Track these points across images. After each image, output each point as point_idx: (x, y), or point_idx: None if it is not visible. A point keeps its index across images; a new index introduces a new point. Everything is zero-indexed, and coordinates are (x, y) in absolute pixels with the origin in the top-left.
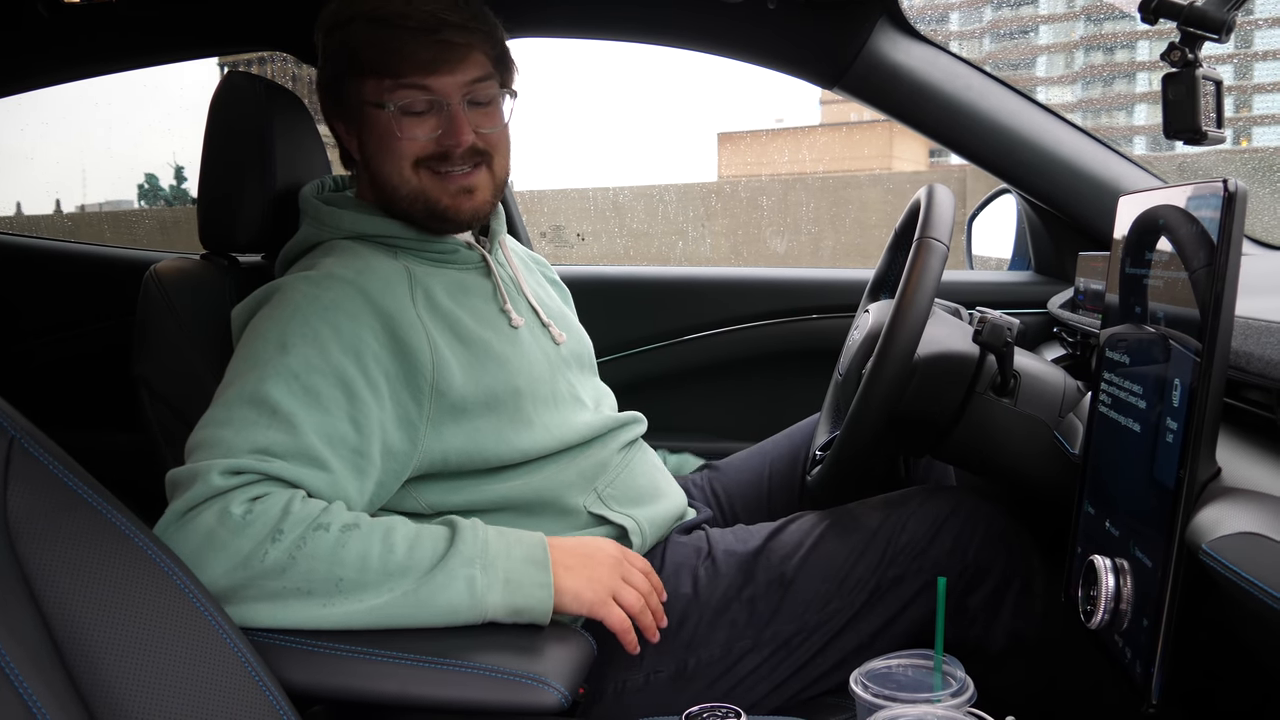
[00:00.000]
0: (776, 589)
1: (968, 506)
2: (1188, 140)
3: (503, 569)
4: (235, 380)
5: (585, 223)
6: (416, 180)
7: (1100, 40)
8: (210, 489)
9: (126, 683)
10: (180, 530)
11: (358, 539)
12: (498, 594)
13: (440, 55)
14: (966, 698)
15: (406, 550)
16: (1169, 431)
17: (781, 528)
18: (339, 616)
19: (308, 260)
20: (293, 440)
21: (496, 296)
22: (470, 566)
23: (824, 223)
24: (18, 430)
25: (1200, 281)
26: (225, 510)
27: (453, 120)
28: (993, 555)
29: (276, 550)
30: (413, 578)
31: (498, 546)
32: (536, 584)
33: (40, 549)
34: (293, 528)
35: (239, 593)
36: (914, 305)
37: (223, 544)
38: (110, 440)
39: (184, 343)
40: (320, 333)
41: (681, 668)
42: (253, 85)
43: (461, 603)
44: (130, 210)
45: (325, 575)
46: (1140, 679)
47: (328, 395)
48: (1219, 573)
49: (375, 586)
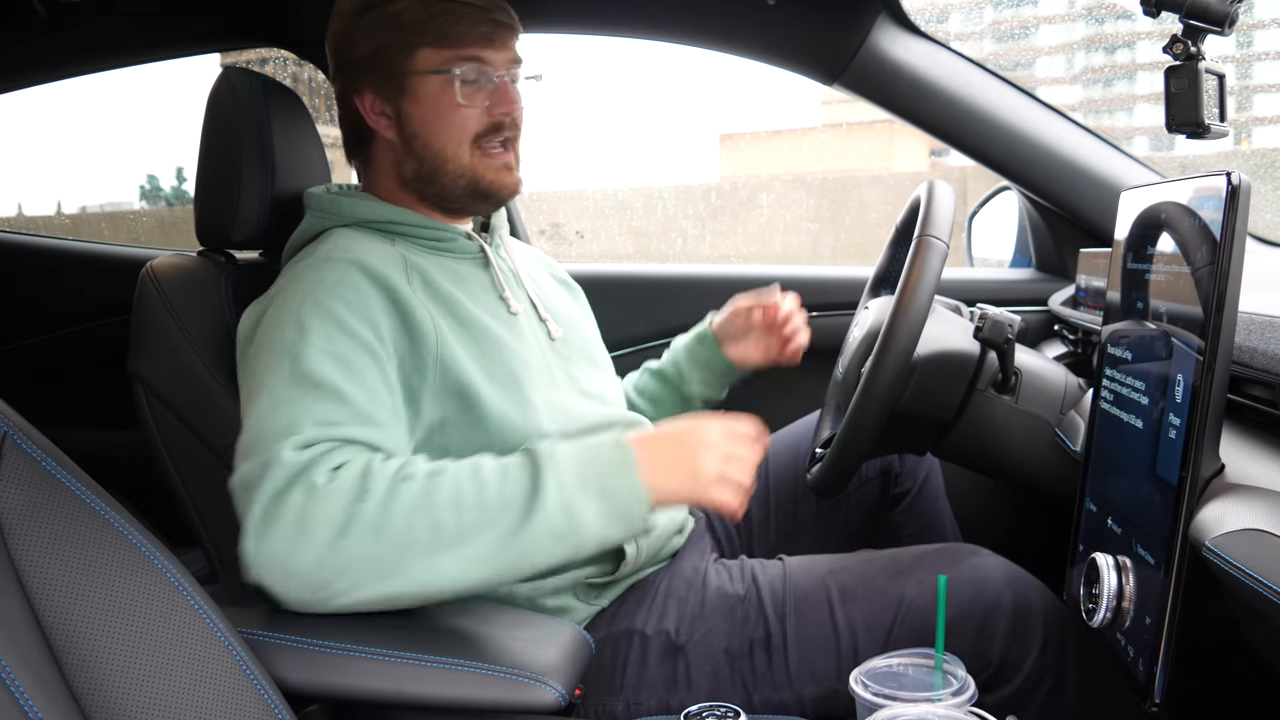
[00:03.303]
0: (763, 653)
1: (995, 584)
2: (1190, 134)
3: (595, 486)
4: (268, 371)
5: (584, 221)
6: (468, 157)
7: (1101, 40)
8: (288, 469)
9: (119, 679)
10: (273, 517)
11: (446, 482)
12: (593, 515)
13: (493, 30)
14: (967, 697)
15: (498, 485)
16: (1171, 428)
17: (777, 564)
18: (449, 574)
19: (309, 249)
20: (345, 407)
21: (494, 285)
22: (562, 491)
23: (824, 222)
24: (10, 425)
25: (1203, 278)
26: (310, 484)
27: (504, 92)
28: (1023, 650)
29: (367, 508)
30: (511, 514)
31: (582, 463)
32: (629, 494)
33: (32, 544)
34: (379, 484)
35: (345, 573)
36: (913, 303)
37: (315, 516)
38: (107, 439)
39: (180, 340)
40: (333, 309)
41: (664, 706)
42: (250, 81)
43: (562, 528)
44: (131, 211)
45: (423, 524)
46: (1143, 677)
47: (358, 362)
48: (1222, 570)
49: (475, 528)
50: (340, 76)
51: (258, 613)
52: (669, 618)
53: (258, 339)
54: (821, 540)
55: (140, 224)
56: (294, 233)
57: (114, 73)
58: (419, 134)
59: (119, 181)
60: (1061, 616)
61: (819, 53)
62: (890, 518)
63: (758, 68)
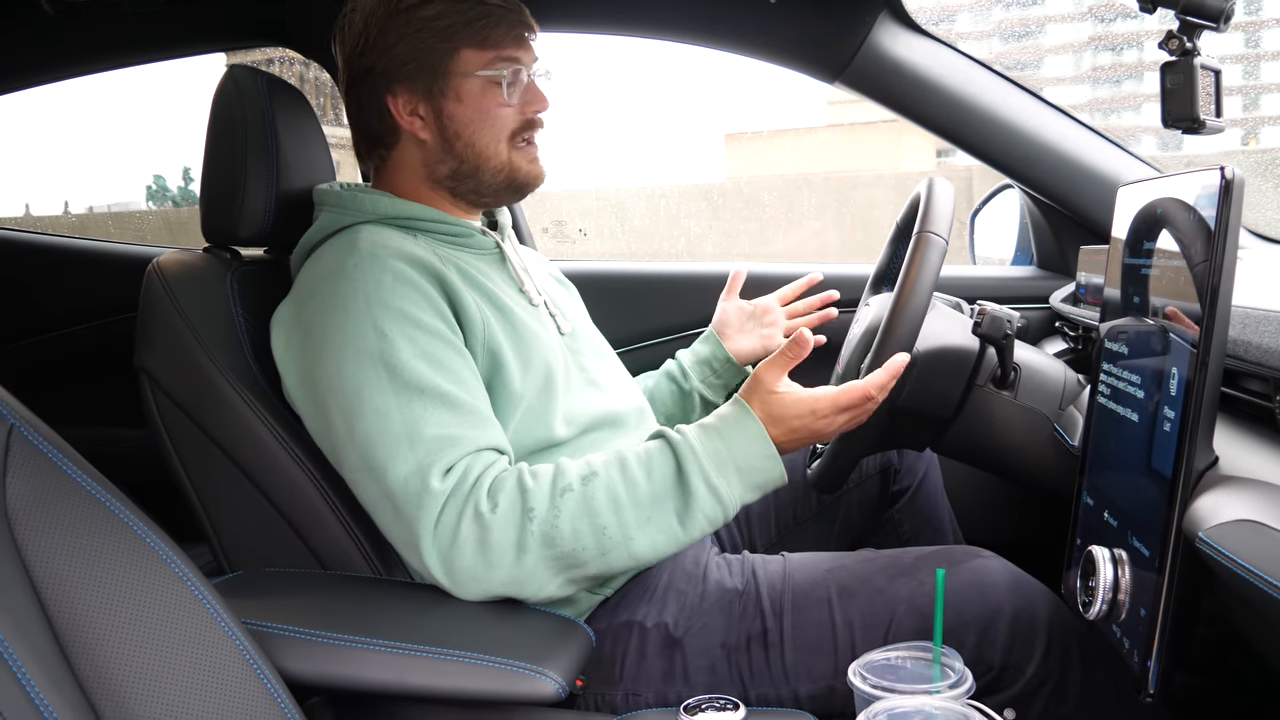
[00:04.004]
0: (760, 648)
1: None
2: (1185, 129)
3: (732, 465)
4: (362, 383)
5: (587, 219)
6: (506, 153)
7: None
8: (441, 499)
9: (124, 669)
10: (452, 552)
11: (600, 487)
12: (737, 486)
13: (523, 34)
14: (965, 689)
15: (645, 477)
16: (1166, 421)
17: (778, 560)
18: (620, 564)
19: (335, 246)
20: (454, 410)
21: (514, 279)
22: (705, 478)
23: (829, 221)
24: (17, 418)
25: (1202, 275)
26: (476, 513)
27: (535, 90)
28: (1025, 655)
29: (535, 527)
30: (666, 502)
31: (716, 445)
32: (763, 464)
33: (39, 536)
34: (540, 502)
35: (532, 580)
36: (912, 299)
37: (492, 544)
38: (112, 435)
39: (187, 335)
40: (404, 309)
41: (662, 697)
42: (255, 79)
43: (711, 510)
44: (138, 211)
45: (590, 529)
46: (1138, 669)
47: (447, 358)
48: (1216, 560)
49: (636, 525)
50: (365, 79)
51: (262, 604)
52: (668, 610)
53: (329, 348)
54: (822, 536)
55: (147, 224)
56: (309, 229)
57: (118, 73)
58: (461, 133)
59: (125, 182)
60: (1065, 620)
61: (820, 51)
62: (889, 514)
63: (762, 67)
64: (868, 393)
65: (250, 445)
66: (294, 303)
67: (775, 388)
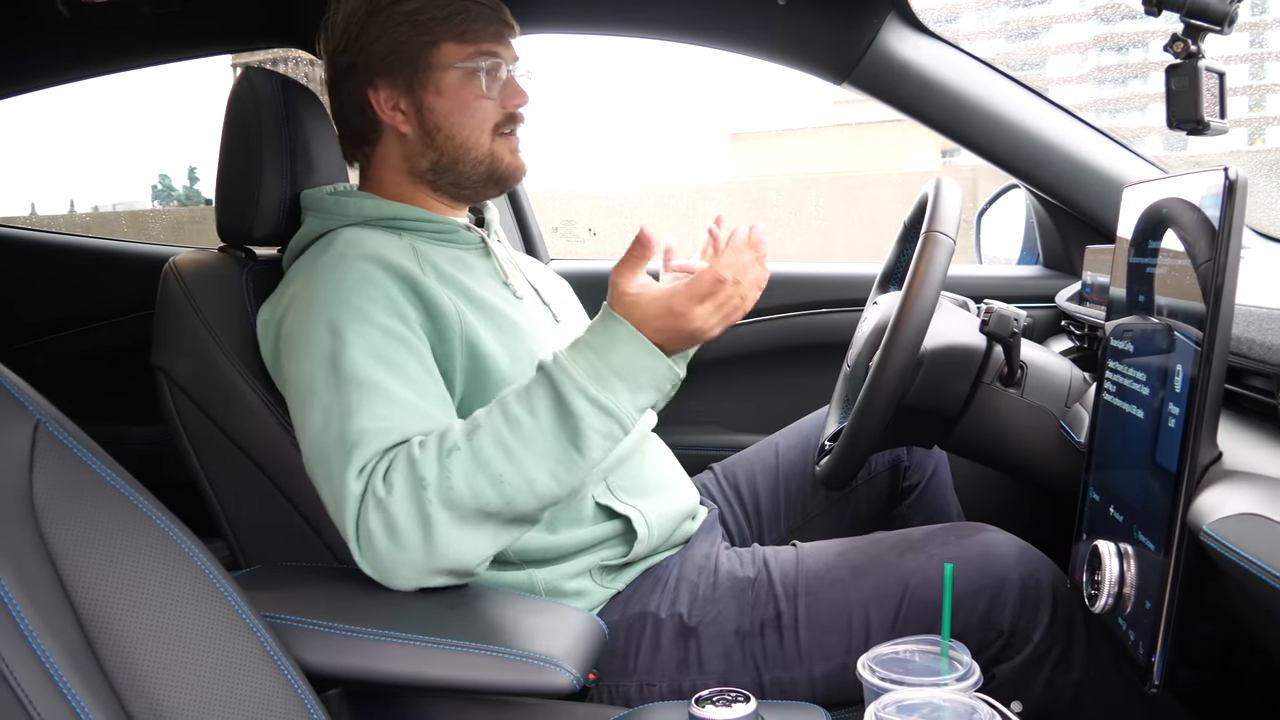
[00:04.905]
0: (774, 632)
1: (1005, 557)
2: (1190, 131)
3: (609, 369)
4: (312, 380)
5: (597, 218)
6: (488, 144)
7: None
8: (355, 497)
9: (149, 661)
10: (367, 542)
11: (485, 434)
12: (624, 393)
13: (504, 29)
14: (972, 682)
15: (528, 413)
16: (1171, 417)
17: (789, 549)
18: (533, 505)
19: (315, 249)
20: (394, 404)
21: (497, 273)
22: (585, 394)
23: (836, 220)
24: (42, 414)
25: (1206, 274)
26: (377, 500)
27: (514, 85)
28: (1032, 620)
29: (433, 493)
30: (555, 432)
31: (584, 354)
32: (643, 356)
33: (65, 530)
34: (428, 469)
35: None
36: (920, 297)
37: (399, 525)
38: (129, 434)
39: (203, 333)
40: (361, 307)
41: (676, 687)
42: (269, 80)
43: (604, 423)
44: (144, 211)
45: (487, 480)
46: (1143, 661)
47: (397, 356)
48: (1219, 553)
49: (532, 462)
50: (348, 75)
51: (280, 597)
52: (681, 600)
53: (289, 344)
54: (831, 532)
55: (156, 223)
56: (295, 235)
57: (122, 74)
58: (442, 126)
59: (130, 181)
60: (1068, 590)
61: (828, 52)
62: (898, 510)
63: (769, 67)
64: (717, 275)
65: (266, 442)
66: (271, 305)
67: (628, 289)
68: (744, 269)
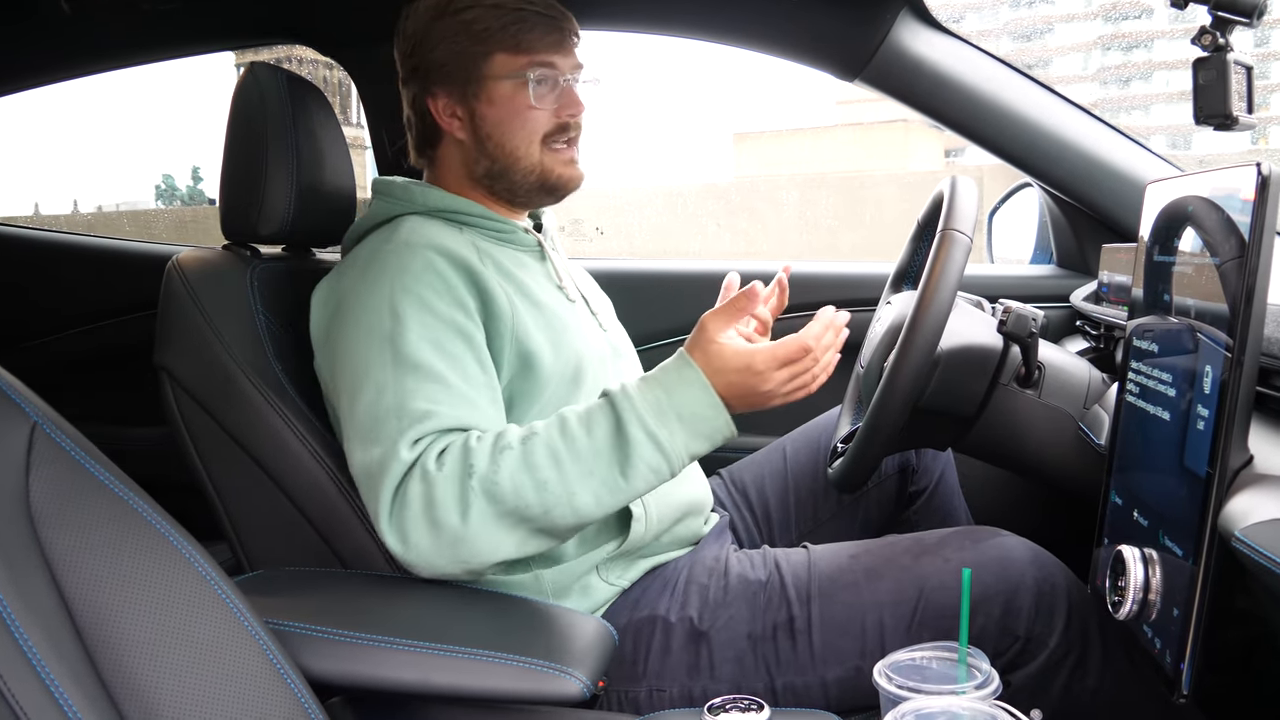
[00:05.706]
0: (786, 636)
1: (1019, 562)
2: (1218, 126)
3: (673, 413)
4: (370, 360)
5: (604, 217)
6: (537, 155)
7: (1117, 39)
8: (404, 464)
9: (148, 667)
10: (401, 509)
11: (539, 443)
12: (680, 434)
13: (561, 39)
14: (992, 690)
15: (585, 432)
16: (1200, 419)
17: (801, 551)
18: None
19: (380, 234)
20: (446, 390)
21: (552, 276)
22: (644, 426)
23: (842, 219)
24: (39, 416)
25: (1229, 272)
26: (424, 471)
27: (570, 94)
28: (1048, 625)
29: (477, 481)
30: (606, 455)
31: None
32: (706, 406)
33: (62, 533)
34: (480, 458)
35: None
36: (937, 297)
37: (438, 501)
38: (132, 435)
39: (207, 333)
40: (423, 295)
41: (687, 692)
42: (275, 77)
43: (654, 457)
44: (147, 210)
45: (531, 484)
46: (1170, 670)
47: (453, 346)
48: (1252, 559)
49: (577, 479)
50: (413, 79)
51: (283, 603)
52: (691, 604)
53: (345, 321)
54: (840, 537)
55: (159, 223)
56: (361, 216)
57: (124, 72)
58: (492, 135)
59: (133, 181)
60: (1084, 595)
61: (840, 49)
62: (907, 515)
63: (771, 67)
64: (804, 344)
65: (270, 442)
66: (333, 278)
67: (716, 337)
68: (825, 347)
